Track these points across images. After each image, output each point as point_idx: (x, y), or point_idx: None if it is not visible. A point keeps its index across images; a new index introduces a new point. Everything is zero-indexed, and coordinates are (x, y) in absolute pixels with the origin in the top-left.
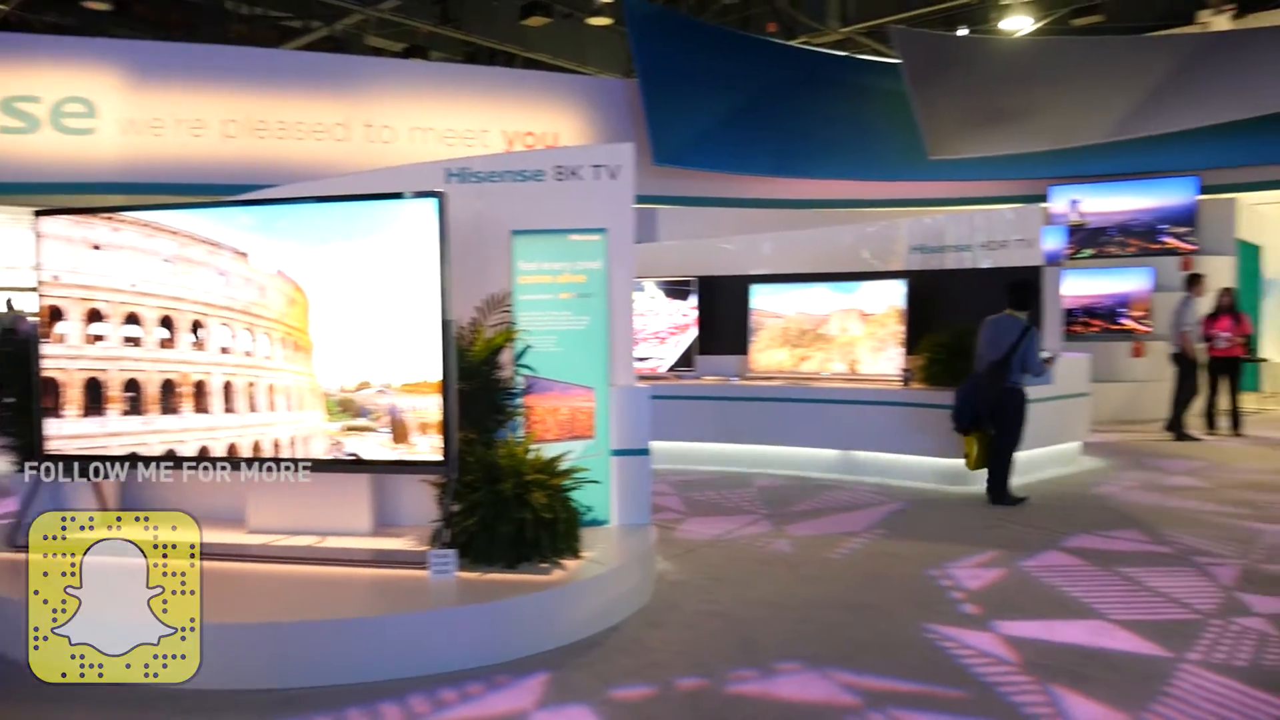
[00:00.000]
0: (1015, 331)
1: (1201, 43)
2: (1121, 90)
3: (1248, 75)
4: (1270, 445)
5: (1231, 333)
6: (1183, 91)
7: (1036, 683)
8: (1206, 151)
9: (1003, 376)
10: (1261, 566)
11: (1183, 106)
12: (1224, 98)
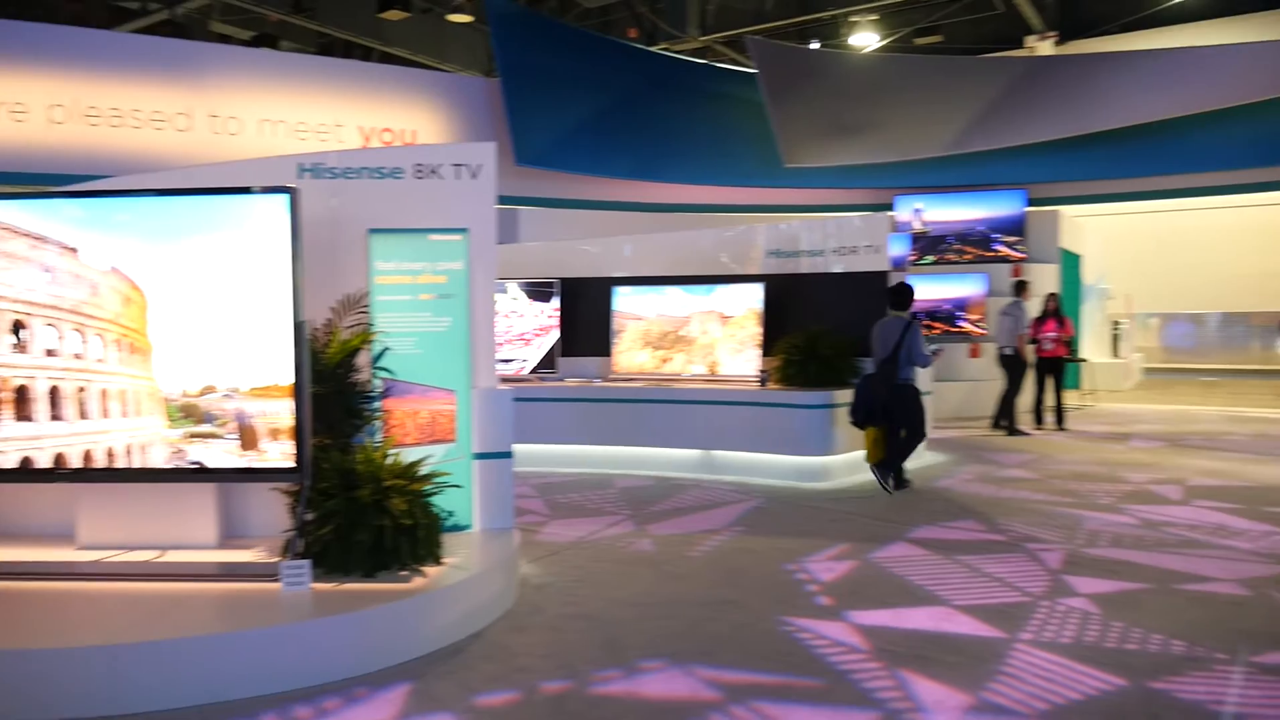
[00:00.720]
0: (899, 330)
1: (1029, 66)
2: (958, 107)
3: (1069, 97)
4: (1090, 439)
5: (1056, 335)
6: (1012, 110)
7: (886, 668)
8: (1033, 167)
9: (893, 373)
10: (1084, 551)
11: (1012, 124)
12: (1048, 117)
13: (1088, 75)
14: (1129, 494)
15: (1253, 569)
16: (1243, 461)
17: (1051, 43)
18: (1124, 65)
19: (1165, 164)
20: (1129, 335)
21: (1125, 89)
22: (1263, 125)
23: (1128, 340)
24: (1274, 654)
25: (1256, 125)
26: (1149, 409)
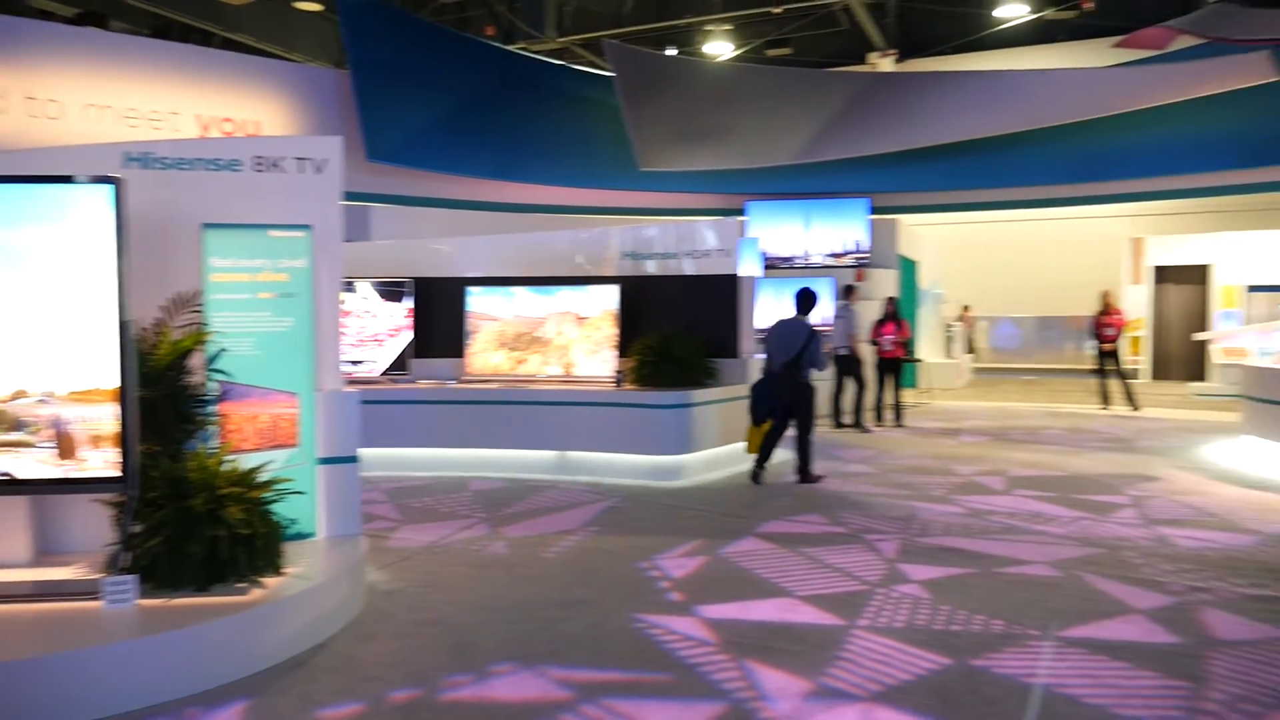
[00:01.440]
0: (804, 333)
1: (871, 81)
2: (806, 118)
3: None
4: (926, 435)
5: (895, 336)
6: (856, 123)
7: (733, 659)
8: (875, 177)
9: (797, 373)
10: (917, 540)
11: (856, 136)
12: (889, 131)
13: (925, 92)
14: (958, 486)
15: (1064, 552)
16: (1058, 454)
17: (892, 60)
18: (957, 84)
19: (993, 178)
20: (960, 337)
21: (958, 106)
22: (1077, 145)
23: (959, 342)
24: (1080, 628)
25: (1072, 145)
26: (978, 406)
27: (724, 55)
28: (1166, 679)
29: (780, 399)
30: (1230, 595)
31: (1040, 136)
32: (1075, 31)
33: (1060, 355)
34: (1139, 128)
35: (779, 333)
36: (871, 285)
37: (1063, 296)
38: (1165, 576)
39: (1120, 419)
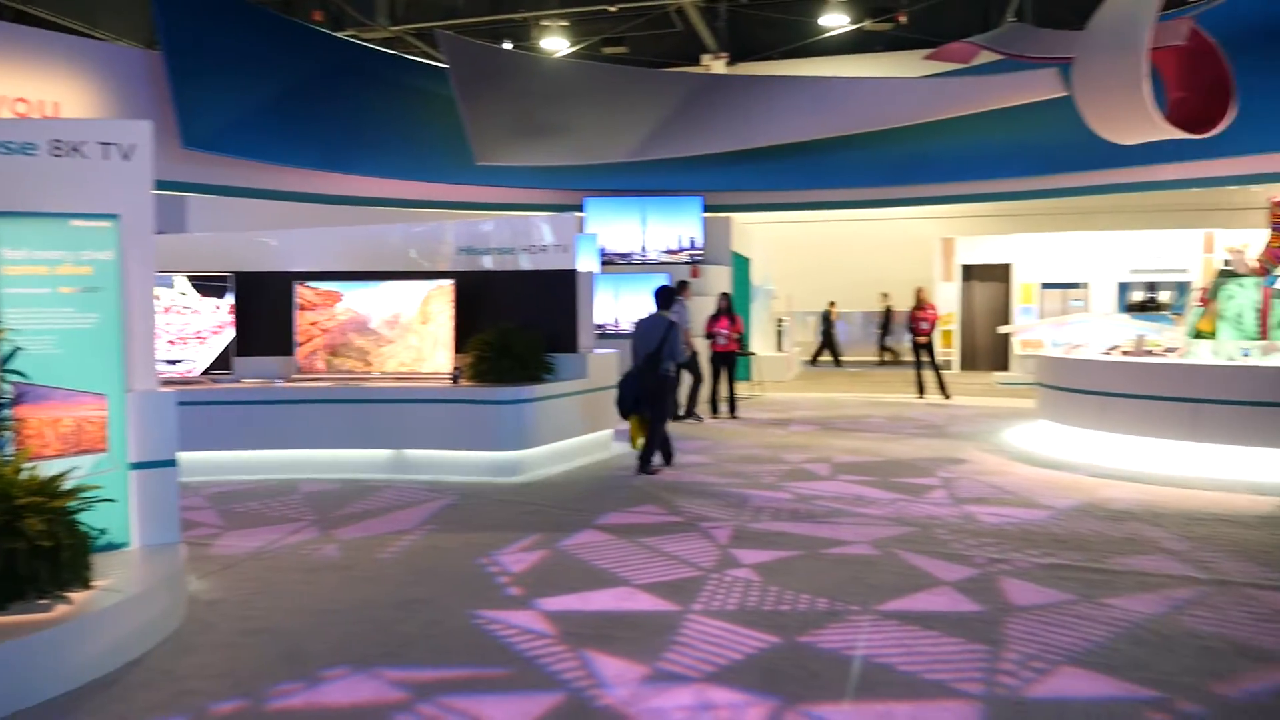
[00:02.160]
0: (663, 328)
1: (704, 82)
2: (642, 117)
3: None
4: (758, 425)
5: (728, 331)
6: (690, 123)
7: (571, 650)
8: (709, 176)
9: (657, 366)
10: (749, 525)
11: (689, 136)
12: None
13: (755, 95)
14: (787, 473)
15: (882, 531)
16: (878, 440)
17: (724, 63)
18: (785, 89)
19: (819, 179)
20: (790, 331)
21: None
22: (894, 150)
23: (789, 336)
24: (895, 602)
25: (889, 149)
26: (806, 397)
27: (560, 51)
28: (969, 644)
29: (646, 391)
30: (1025, 565)
31: (861, 141)
32: (891, 43)
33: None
34: (949, 135)
35: (642, 329)
36: (706, 281)
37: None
38: (970, 551)
39: (934, 407)
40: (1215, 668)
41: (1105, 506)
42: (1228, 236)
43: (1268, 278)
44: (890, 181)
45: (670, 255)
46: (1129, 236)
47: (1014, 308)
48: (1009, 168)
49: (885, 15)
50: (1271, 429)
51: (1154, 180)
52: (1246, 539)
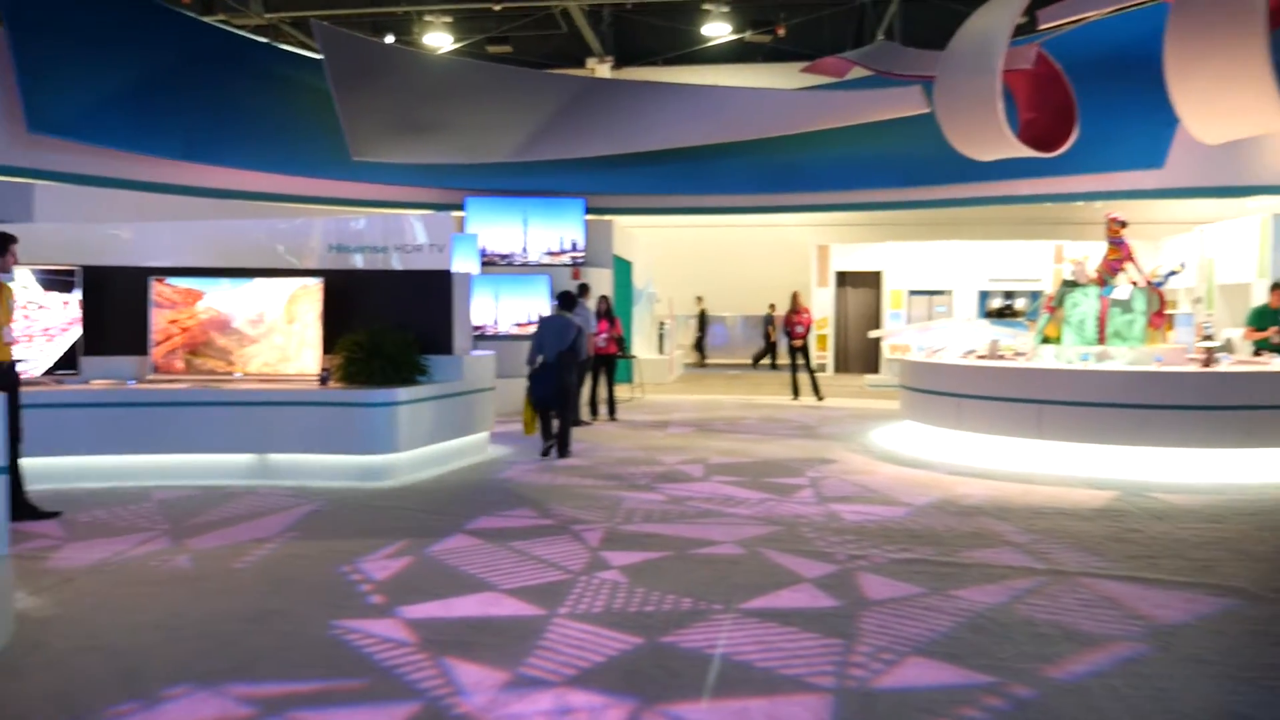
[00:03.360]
0: (574, 329)
1: (588, 85)
2: (525, 117)
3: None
4: (637, 427)
5: (608, 333)
6: (573, 125)
7: (431, 658)
8: (591, 178)
9: (573, 361)
10: (620, 528)
11: (573, 138)
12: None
13: (638, 100)
14: (662, 474)
15: (750, 531)
16: (752, 442)
17: (609, 66)
18: (668, 95)
19: (700, 184)
20: (672, 334)
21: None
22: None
23: (671, 338)
24: (757, 600)
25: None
26: (686, 399)
27: (443, 48)
28: (825, 638)
29: (558, 387)
30: (882, 560)
31: (741, 148)
32: (770, 54)
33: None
34: (824, 146)
35: (551, 329)
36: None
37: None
38: (832, 548)
39: (808, 409)
40: (1046, 652)
41: (959, 502)
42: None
43: (1105, 288)
44: (769, 189)
45: (552, 257)
46: (989, 247)
47: (884, 313)
48: (880, 179)
49: (765, 27)
50: (1106, 427)
51: (1010, 195)
52: (1082, 530)
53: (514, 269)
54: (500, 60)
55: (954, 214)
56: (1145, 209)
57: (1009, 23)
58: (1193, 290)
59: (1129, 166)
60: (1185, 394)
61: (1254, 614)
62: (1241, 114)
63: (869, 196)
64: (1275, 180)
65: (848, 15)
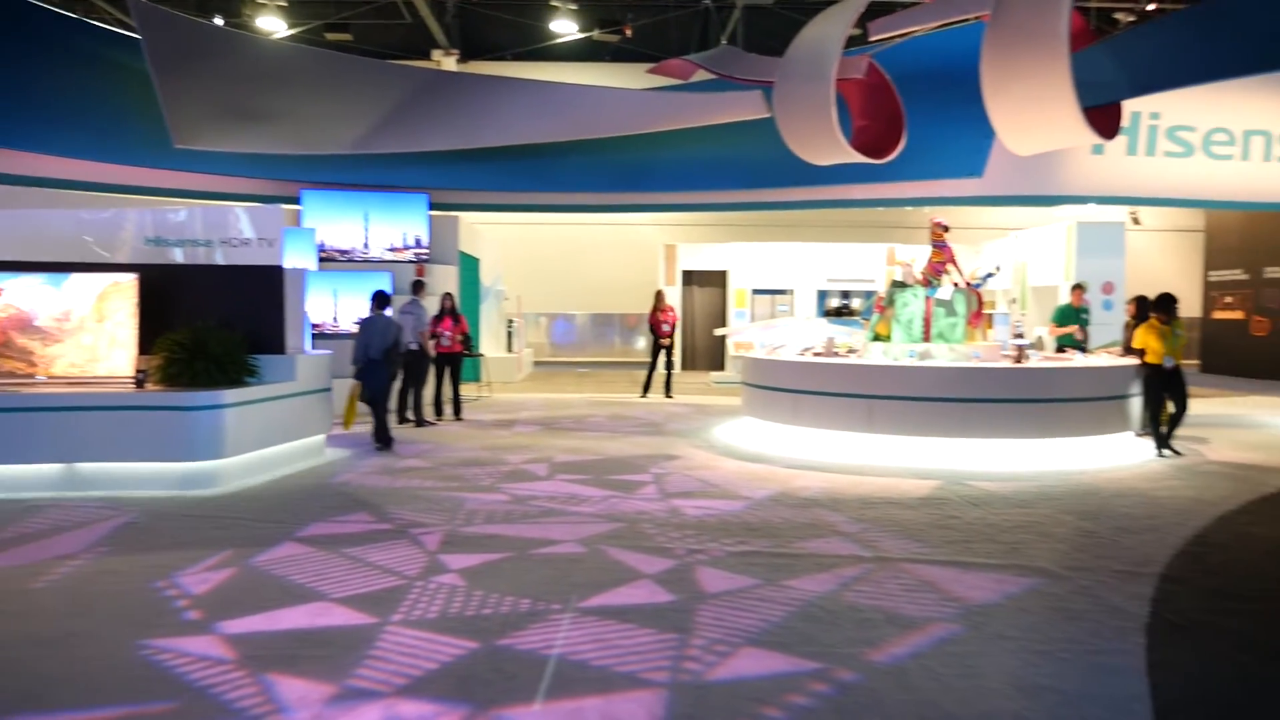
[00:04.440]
0: (394, 327)
1: (433, 78)
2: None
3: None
4: (483, 426)
5: (452, 332)
6: (416, 118)
7: (251, 675)
8: (436, 173)
9: (397, 357)
10: (461, 530)
11: (415, 131)
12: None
13: (485, 94)
14: (506, 474)
15: (591, 529)
16: (598, 439)
17: (455, 59)
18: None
19: (549, 182)
20: (521, 332)
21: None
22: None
23: (520, 337)
24: (597, 598)
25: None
26: (534, 397)
27: (277, 33)
28: (661, 633)
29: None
30: (720, 554)
31: (590, 147)
32: (618, 54)
33: (609, 349)
34: (671, 147)
35: (375, 328)
36: (432, 281)
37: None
38: (672, 543)
39: (655, 406)
40: (870, 636)
41: (795, 495)
42: (905, 251)
43: (929, 288)
44: (617, 188)
45: (394, 253)
46: (827, 249)
47: (730, 311)
48: (724, 180)
49: (613, 27)
50: (931, 421)
51: (845, 199)
52: (907, 519)
53: (354, 265)
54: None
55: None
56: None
57: (841, 33)
58: (1009, 291)
59: (952, 175)
60: (999, 388)
61: (1054, 591)
62: (1048, 129)
63: (714, 198)
64: (1079, 191)
65: (693, 18)
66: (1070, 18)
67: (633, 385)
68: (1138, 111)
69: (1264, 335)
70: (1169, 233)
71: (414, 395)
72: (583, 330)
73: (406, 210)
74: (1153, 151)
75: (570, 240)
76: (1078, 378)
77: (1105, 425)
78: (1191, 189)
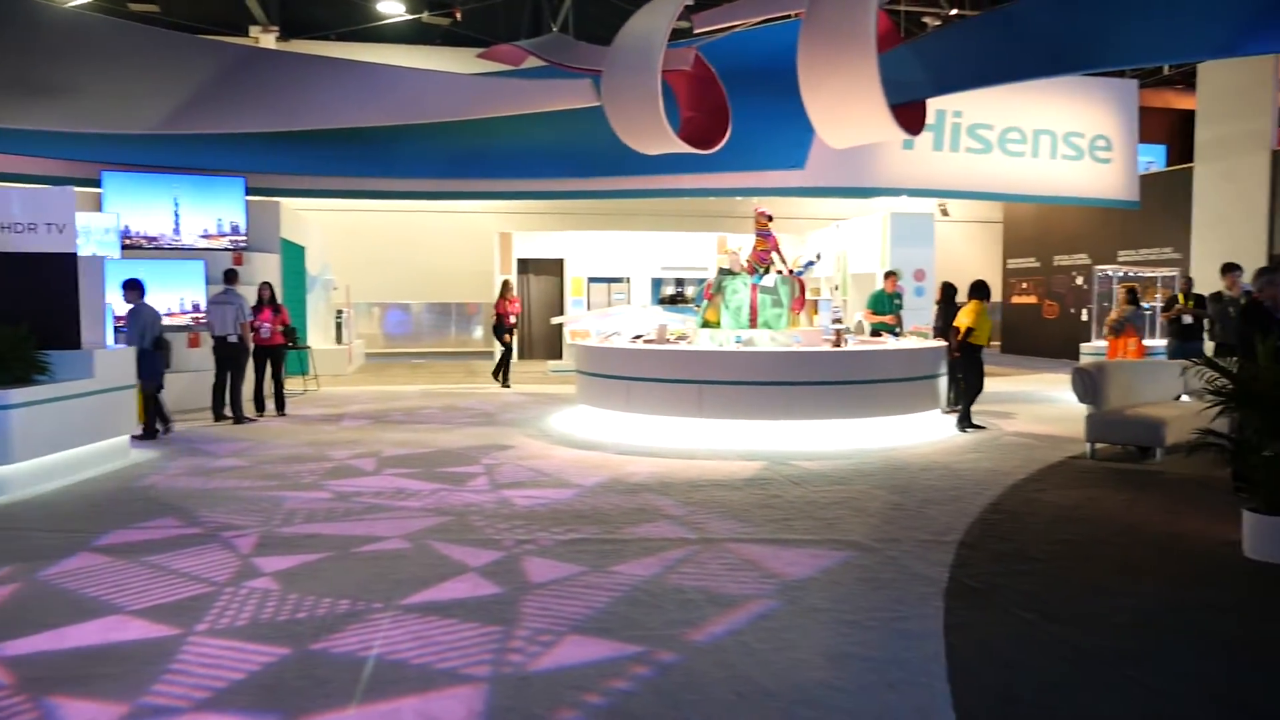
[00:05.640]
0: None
1: (250, 55)
2: (174, 85)
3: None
4: (308, 421)
5: (272, 323)
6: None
7: (32, 700)
8: (254, 156)
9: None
10: (278, 531)
11: (230, 111)
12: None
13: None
14: (331, 470)
15: (418, 524)
16: (430, 431)
17: (274, 37)
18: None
19: (378, 167)
20: (351, 323)
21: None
22: (453, 142)
23: (350, 327)
24: (420, 594)
25: (449, 142)
26: (365, 390)
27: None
28: (485, 627)
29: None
30: (548, 543)
31: (421, 132)
32: (448, 37)
33: (445, 339)
34: (505, 133)
35: (144, 317)
36: (251, 270)
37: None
38: (501, 534)
39: (490, 396)
40: (691, 617)
41: (626, 481)
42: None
43: (755, 276)
44: (449, 174)
45: (209, 240)
46: (661, 237)
47: (567, 300)
48: (558, 168)
49: (442, 9)
50: (756, 404)
51: (675, 188)
52: (732, 499)
53: (164, 253)
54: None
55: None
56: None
57: (667, 24)
58: (832, 279)
59: (775, 166)
60: (819, 371)
61: (864, 563)
62: (859, 124)
63: (548, 185)
64: (893, 183)
65: (524, 4)
66: (877, 19)
67: (469, 375)
68: (942, 110)
69: (1054, 318)
70: (974, 223)
71: (233, 390)
72: (418, 320)
73: (221, 195)
74: (956, 148)
75: (404, 228)
76: (891, 360)
77: (917, 404)
78: (990, 183)
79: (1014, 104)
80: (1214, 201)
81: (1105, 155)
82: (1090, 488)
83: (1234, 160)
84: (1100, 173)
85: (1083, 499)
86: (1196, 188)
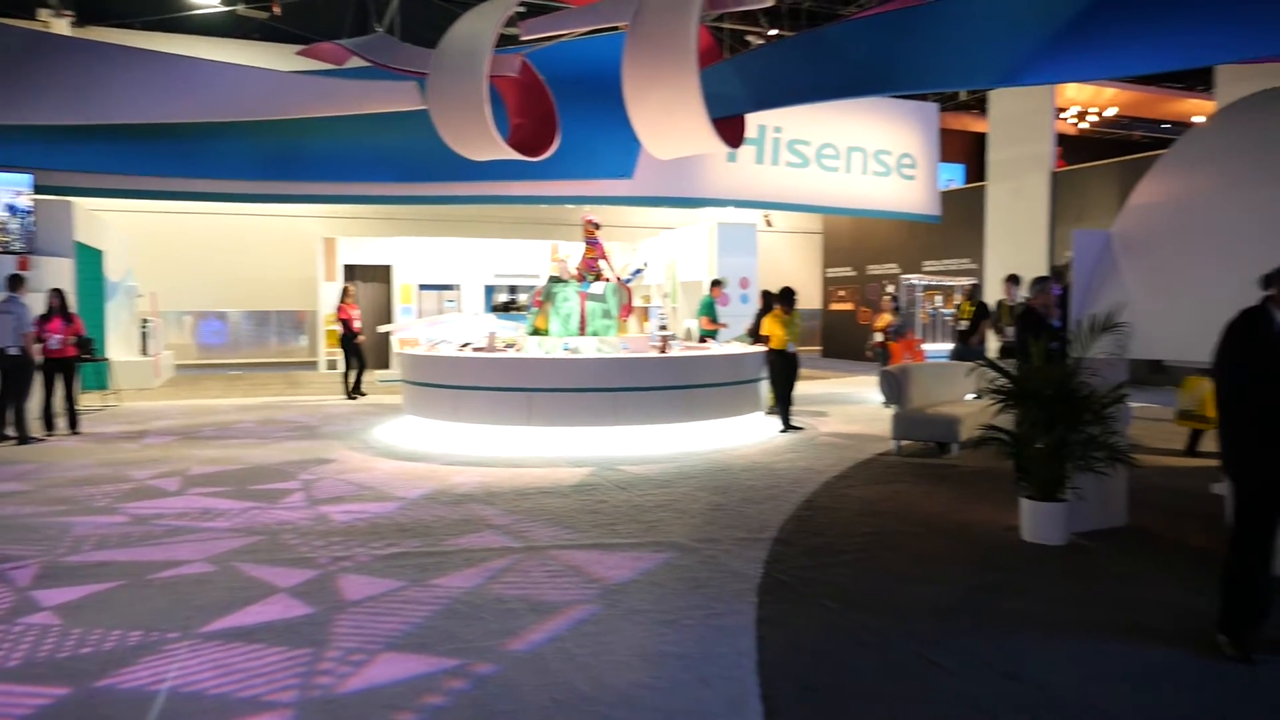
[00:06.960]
0: None
1: (37, 40)
2: None
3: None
4: (105, 440)
5: (64, 334)
6: (15, 85)
7: None
8: (42, 152)
9: None
10: (62, 559)
11: (13, 101)
12: (57, 100)
13: (105, 64)
14: (129, 492)
15: (226, 545)
16: (244, 447)
17: (69, 22)
18: (142, 62)
19: (186, 167)
20: (158, 333)
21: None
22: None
23: (157, 338)
24: (222, 620)
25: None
26: (173, 405)
27: None
28: (292, 650)
29: None
30: (367, 559)
31: (236, 130)
32: (266, 31)
33: (265, 349)
34: (327, 135)
35: None
36: (40, 275)
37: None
38: (316, 552)
39: (312, 407)
40: (511, 626)
41: (451, 492)
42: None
43: (584, 283)
44: (265, 176)
45: None
46: (493, 244)
47: (395, 307)
48: (383, 172)
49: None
50: (584, 410)
51: (504, 195)
52: (558, 507)
53: None
54: None
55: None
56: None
57: (494, 29)
58: (662, 286)
59: (604, 175)
60: (645, 377)
61: (683, 563)
62: (681, 136)
63: (372, 189)
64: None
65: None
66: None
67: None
68: (764, 125)
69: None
70: (796, 234)
71: (15, 408)
72: (235, 329)
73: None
74: (777, 162)
75: (219, 232)
76: (714, 365)
77: (739, 407)
78: (808, 196)
79: (829, 122)
80: (1004, 217)
81: (910, 172)
82: (894, 482)
83: (1020, 180)
84: (906, 188)
85: (888, 493)
86: (989, 204)
